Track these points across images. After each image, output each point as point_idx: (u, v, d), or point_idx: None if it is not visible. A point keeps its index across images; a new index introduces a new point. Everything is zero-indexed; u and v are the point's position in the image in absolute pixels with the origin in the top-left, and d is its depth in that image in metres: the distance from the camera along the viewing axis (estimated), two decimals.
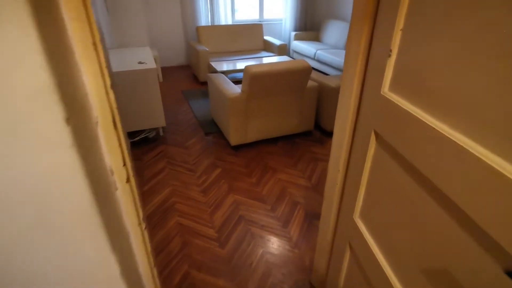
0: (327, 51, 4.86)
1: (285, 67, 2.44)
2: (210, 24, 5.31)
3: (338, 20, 5.30)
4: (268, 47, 5.07)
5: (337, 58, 4.49)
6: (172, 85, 4.46)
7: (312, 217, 1.97)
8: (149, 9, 4.96)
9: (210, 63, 4.00)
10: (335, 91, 2.74)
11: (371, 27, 0.81)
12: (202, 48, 4.33)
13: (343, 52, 4.80)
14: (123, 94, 2.56)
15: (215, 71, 3.94)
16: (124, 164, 0.72)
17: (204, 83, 4.56)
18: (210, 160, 2.61)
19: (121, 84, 2.52)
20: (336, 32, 5.28)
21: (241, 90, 2.53)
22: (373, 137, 0.83)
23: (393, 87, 0.73)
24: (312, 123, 2.94)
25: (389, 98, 0.73)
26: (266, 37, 5.21)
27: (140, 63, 2.71)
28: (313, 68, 5.33)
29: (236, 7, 5.54)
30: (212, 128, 3.13)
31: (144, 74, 2.56)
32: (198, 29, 4.75)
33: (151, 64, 2.65)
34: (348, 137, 0.98)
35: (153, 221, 1.94)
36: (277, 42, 4.83)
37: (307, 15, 6.03)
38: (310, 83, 2.77)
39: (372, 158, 0.85)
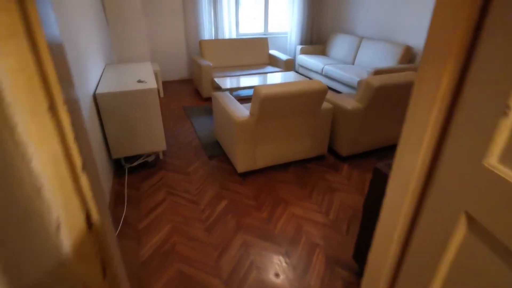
0: (336, 66, 4.66)
1: (300, 89, 2.22)
2: (213, 38, 5.14)
3: (346, 34, 5.13)
4: (274, 62, 4.88)
5: (347, 74, 4.29)
6: (173, 101, 4.24)
7: (334, 263, 1.71)
8: (151, 21, 4.79)
9: (214, 79, 3.79)
10: (352, 114, 2.51)
11: (461, 65, 0.57)
12: (205, 63, 4.13)
13: (352, 67, 4.61)
14: (120, 116, 2.33)
15: (219, 88, 3.73)
16: (105, 276, 0.48)
17: (207, 99, 4.35)
18: (214, 189, 2.35)
19: (118, 105, 2.29)
20: (343, 46, 5.11)
21: (250, 113, 2.30)
22: (463, 221, 0.58)
23: (510, 160, 0.49)
24: (326, 147, 2.71)
25: (502, 175, 0.49)
26: (271, 51, 5.02)
27: (139, 81, 2.49)
28: None
29: (240, 19, 5.39)
30: (216, 151, 2.89)
31: (143, 94, 2.33)
32: (201, 43, 4.57)
33: (151, 83, 2.43)
34: (408, 210, 0.74)
35: (151, 268, 1.68)
36: (283, 56, 4.64)
37: (313, 28, 5.88)
38: (325, 104, 2.54)
39: (459, 249, 0.61)
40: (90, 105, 2.09)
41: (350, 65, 4.83)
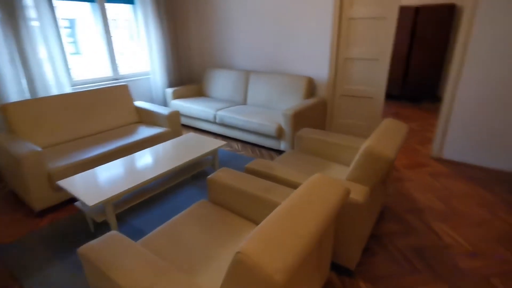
0: (231, 110, 3.64)
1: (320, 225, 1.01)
2: (29, 97, 3.06)
3: (225, 69, 4.23)
4: (147, 118, 3.34)
5: (254, 120, 3.33)
6: None
7: None
8: None
9: (58, 184, 1.94)
10: (363, 206, 1.51)
11: None
12: (26, 148, 2.17)
13: (250, 108, 3.71)
14: None
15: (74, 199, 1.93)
16: None
17: (47, 212, 2.34)
18: None
19: None
20: (227, 83, 4.17)
21: None
22: None
23: None
24: (328, 268, 1.59)
25: None
26: (138, 103, 3.46)
27: None
28: (218, 135, 3.96)
29: (70, 60, 3.53)
30: None
31: None
32: (6, 108, 2.51)
33: None
34: None
35: None
36: (162, 110, 3.20)
37: (182, 65, 4.67)
38: None
39: None
40: None
41: (243, 105, 3.93)
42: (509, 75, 2.64)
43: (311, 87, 3.60)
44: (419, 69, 5.34)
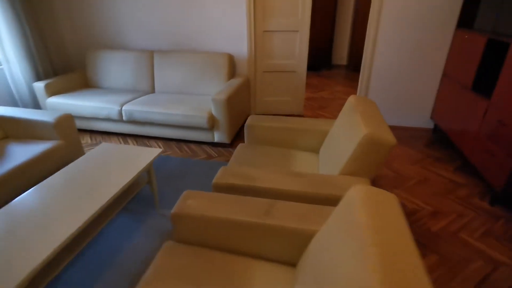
0: (139, 102, 2.89)
1: None
2: None
3: (117, 51, 3.33)
4: (16, 130, 2.29)
5: (173, 111, 2.72)
6: None
7: None
8: None
9: None
10: None
11: None
12: None
13: (166, 97, 3.04)
14: None
15: None
16: None
17: None
18: None
19: None
20: (121, 68, 3.32)
21: None
22: None
23: None
24: None
25: None
26: None
27: None
28: (128, 135, 3.13)
29: None
30: None
31: None
32: None
33: None
34: None
35: None
36: (43, 116, 2.22)
37: (50, 48, 3.42)
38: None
39: None
40: None
41: (152, 94, 3.21)
42: (417, 41, 2.90)
43: (232, 66, 3.19)
44: (316, 40, 5.57)
